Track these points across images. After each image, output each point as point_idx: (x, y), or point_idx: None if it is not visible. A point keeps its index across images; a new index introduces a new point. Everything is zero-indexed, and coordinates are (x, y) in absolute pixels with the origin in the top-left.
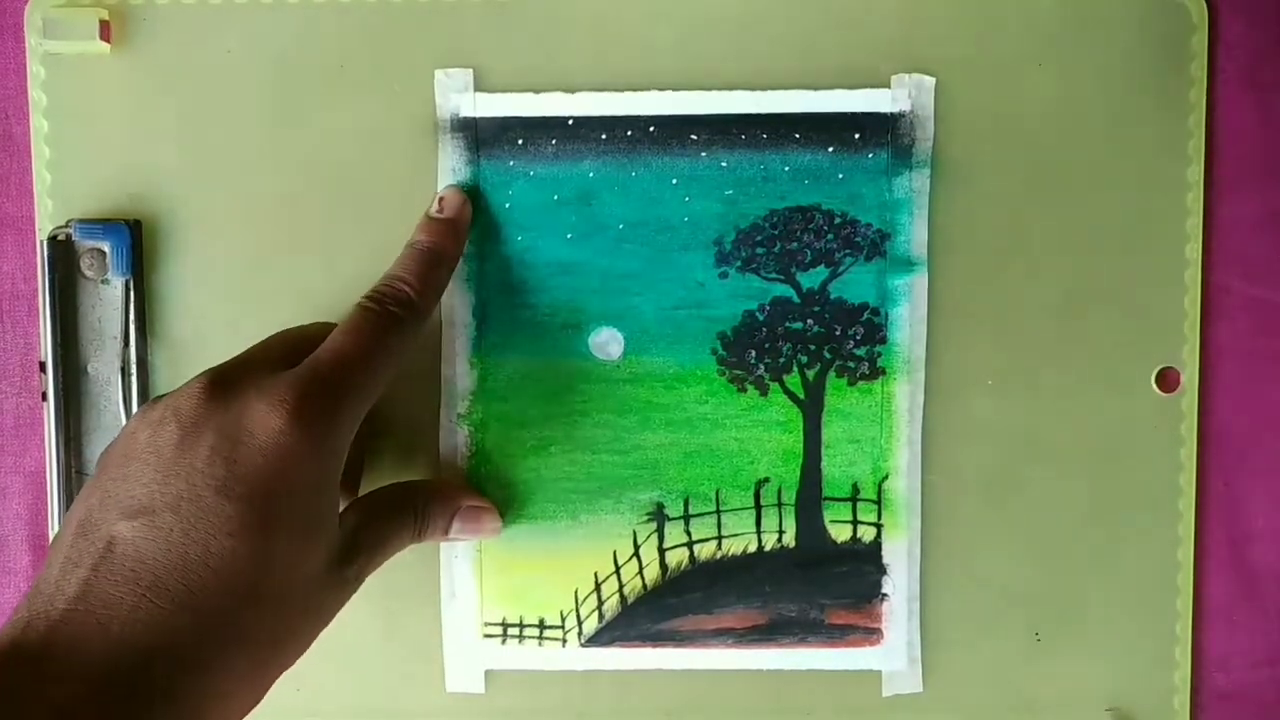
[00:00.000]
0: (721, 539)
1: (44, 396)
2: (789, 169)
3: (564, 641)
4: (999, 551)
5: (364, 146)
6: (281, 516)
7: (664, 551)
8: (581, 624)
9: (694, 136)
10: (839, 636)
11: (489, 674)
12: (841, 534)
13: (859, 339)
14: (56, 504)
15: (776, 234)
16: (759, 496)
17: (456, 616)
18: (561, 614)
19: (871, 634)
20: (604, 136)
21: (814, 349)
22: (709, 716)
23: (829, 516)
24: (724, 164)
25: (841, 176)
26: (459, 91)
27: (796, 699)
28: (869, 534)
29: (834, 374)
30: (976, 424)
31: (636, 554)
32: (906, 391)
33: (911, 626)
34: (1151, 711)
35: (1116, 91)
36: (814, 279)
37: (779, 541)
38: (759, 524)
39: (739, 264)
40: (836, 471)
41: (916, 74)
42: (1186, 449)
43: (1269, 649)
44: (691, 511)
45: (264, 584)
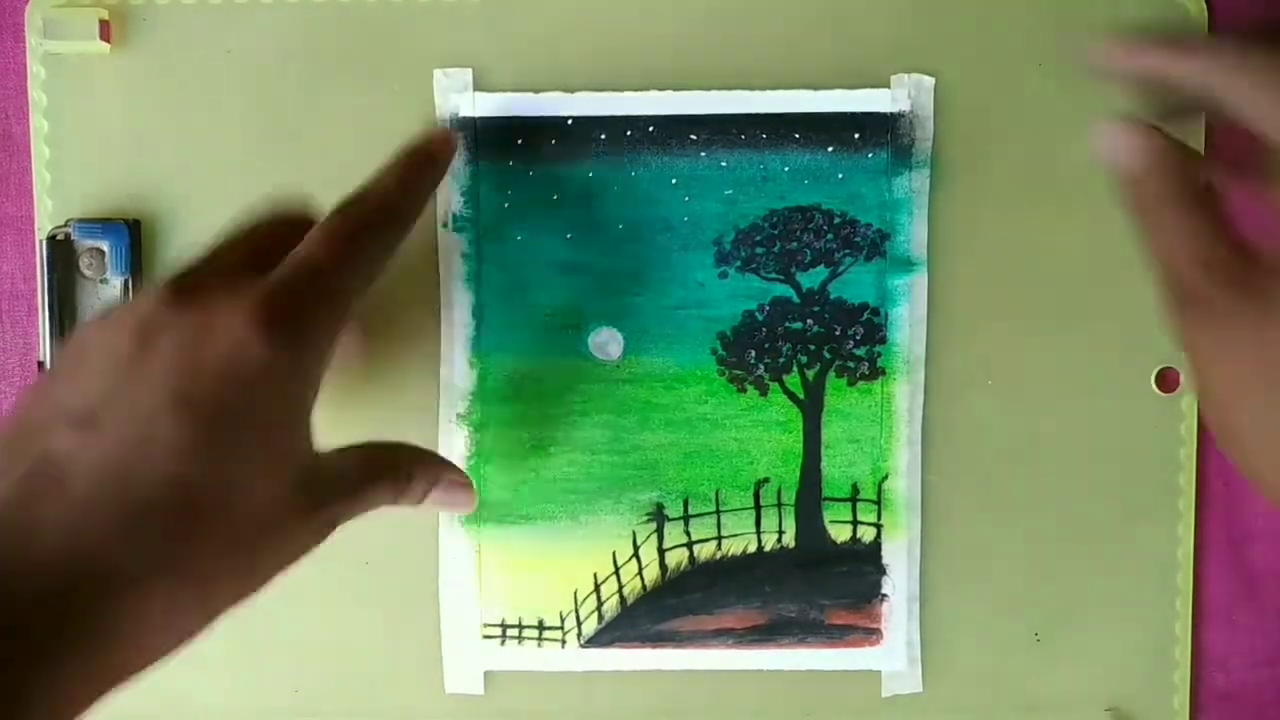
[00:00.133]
0: (721, 539)
1: None
2: (789, 169)
3: (563, 642)
4: (999, 551)
5: (364, 146)
6: (241, 441)
7: (663, 552)
8: (581, 625)
9: (694, 136)
10: (839, 637)
11: (488, 675)
12: (841, 534)
13: (859, 339)
14: None
15: (776, 234)
16: (759, 497)
17: (455, 617)
18: (561, 615)
19: (871, 634)
20: (604, 136)
21: (814, 349)
22: (709, 717)
23: (829, 517)
24: (724, 164)
25: (841, 176)
26: (458, 91)
27: (796, 699)
28: (869, 534)
29: (834, 374)
30: (976, 424)
31: (636, 554)
32: (906, 391)
33: (911, 626)
34: (1151, 711)
35: (1116, 91)
36: (814, 279)
37: (779, 542)
38: (759, 524)
39: (739, 264)
40: (836, 471)
41: (916, 74)
42: (1186, 449)
43: (1269, 649)
44: (691, 512)
45: (214, 513)
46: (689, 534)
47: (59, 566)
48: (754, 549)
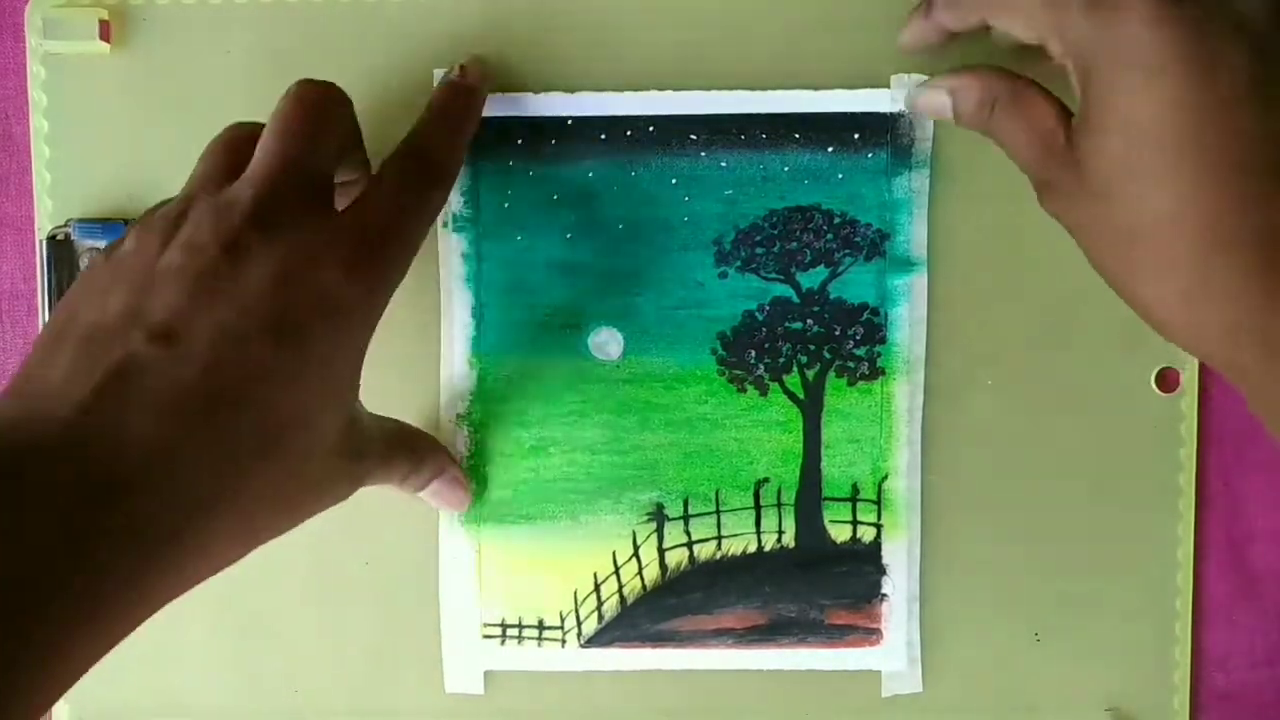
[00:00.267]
0: (721, 539)
1: None
2: (788, 169)
3: (563, 642)
4: (999, 552)
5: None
6: (319, 376)
7: (663, 552)
8: (581, 624)
9: (694, 136)
10: (839, 636)
11: (488, 675)
12: (841, 534)
13: (859, 339)
14: None
15: (776, 234)
16: (758, 496)
17: (455, 617)
18: (561, 614)
19: (871, 634)
20: (604, 136)
21: (814, 349)
22: (709, 716)
23: (829, 516)
24: (724, 164)
25: (841, 176)
26: None
27: (796, 699)
28: (869, 534)
29: (834, 374)
30: (976, 424)
31: (636, 554)
32: (906, 391)
33: (911, 626)
34: (1151, 711)
35: None
36: (813, 279)
37: (779, 542)
38: (759, 524)
39: (738, 264)
40: (836, 471)
41: (916, 74)
42: (1186, 449)
43: (1269, 649)
44: (691, 512)
45: (283, 443)
46: (689, 534)
47: (141, 477)
48: (754, 549)
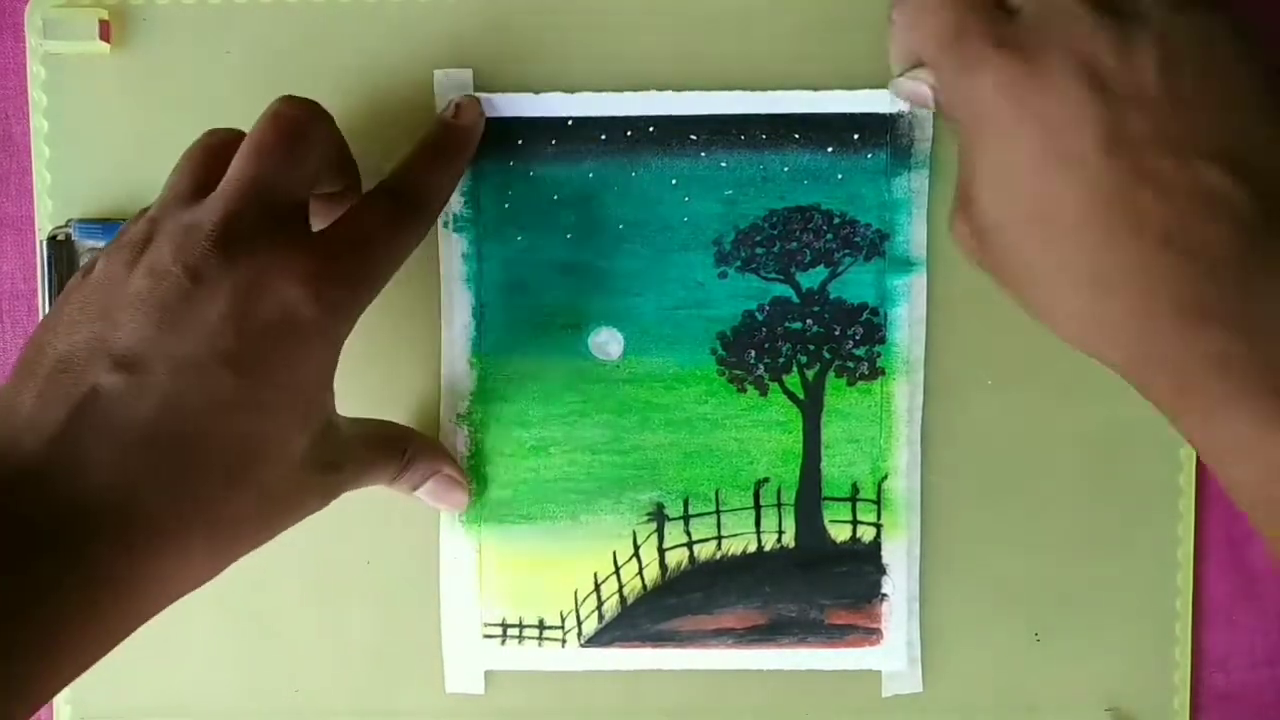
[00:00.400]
0: (721, 539)
1: None
2: (788, 169)
3: (564, 642)
4: (999, 551)
5: (364, 146)
6: (282, 401)
7: (664, 552)
8: (581, 624)
9: (694, 136)
10: (839, 636)
11: (489, 674)
12: (841, 534)
13: (858, 339)
14: None
15: (776, 234)
16: (759, 496)
17: (456, 617)
18: (561, 614)
19: (871, 634)
20: (604, 136)
21: (813, 349)
22: (709, 716)
23: (828, 516)
24: (723, 164)
25: (840, 177)
26: (458, 91)
27: (796, 699)
28: (869, 534)
29: (833, 374)
30: (976, 424)
31: (636, 554)
32: (906, 391)
33: (911, 626)
34: (1151, 711)
35: None
36: (813, 279)
37: (779, 541)
38: (759, 524)
39: (738, 264)
40: (836, 471)
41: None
42: (1186, 449)
43: (1269, 649)
44: (691, 512)
45: (250, 468)
46: (689, 534)
47: (105, 507)
48: (754, 549)
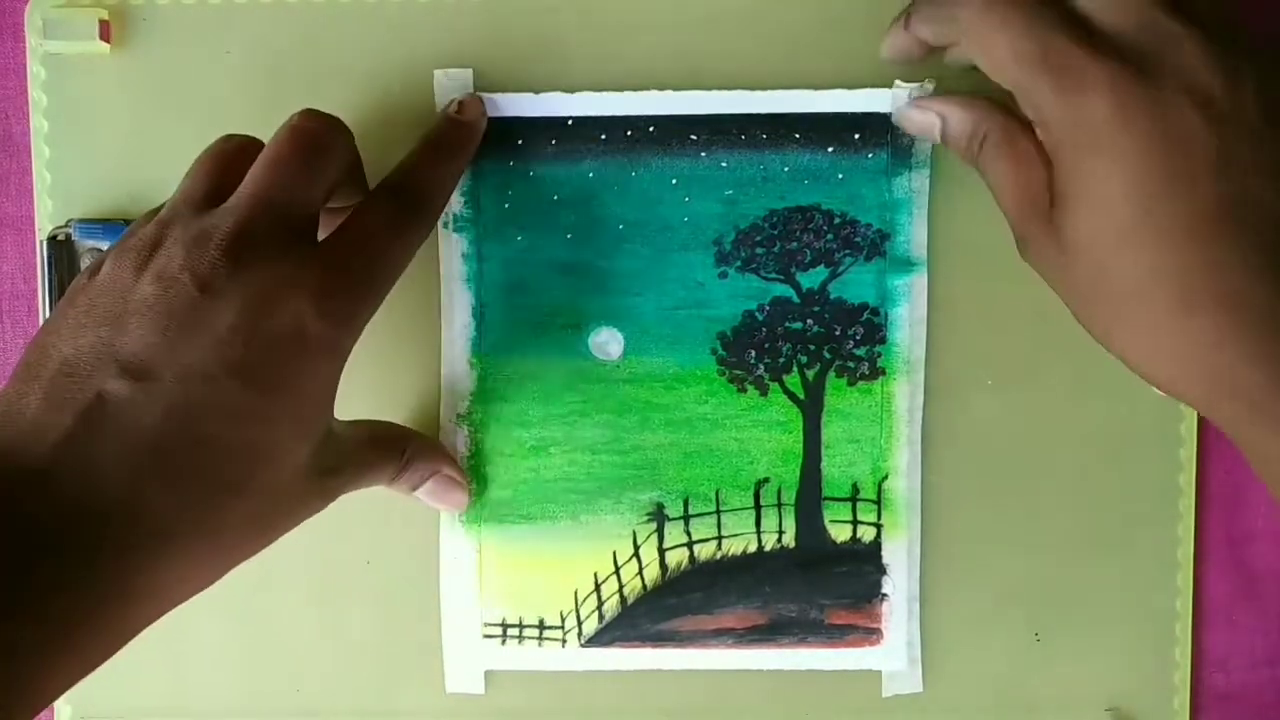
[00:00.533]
0: (721, 539)
1: None
2: (788, 169)
3: (564, 642)
4: (999, 551)
5: (364, 147)
6: (287, 412)
7: (664, 552)
8: (581, 624)
9: (694, 136)
10: (839, 636)
11: (489, 674)
12: (841, 534)
13: (859, 339)
14: None
15: (776, 234)
16: (759, 496)
17: (456, 617)
18: (561, 614)
19: (871, 634)
20: (604, 136)
21: (814, 349)
22: (709, 716)
23: (829, 516)
24: (724, 164)
25: (841, 176)
26: (459, 91)
27: (796, 699)
28: (869, 534)
29: (834, 374)
30: (976, 424)
31: (636, 554)
32: (906, 391)
33: (911, 626)
34: (1151, 711)
35: None
36: (814, 279)
37: (779, 541)
38: (759, 524)
39: (739, 264)
40: (836, 471)
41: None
42: (1186, 449)
43: (1269, 649)
44: (691, 512)
45: (253, 477)
46: (689, 534)
47: (112, 512)
48: (754, 549)
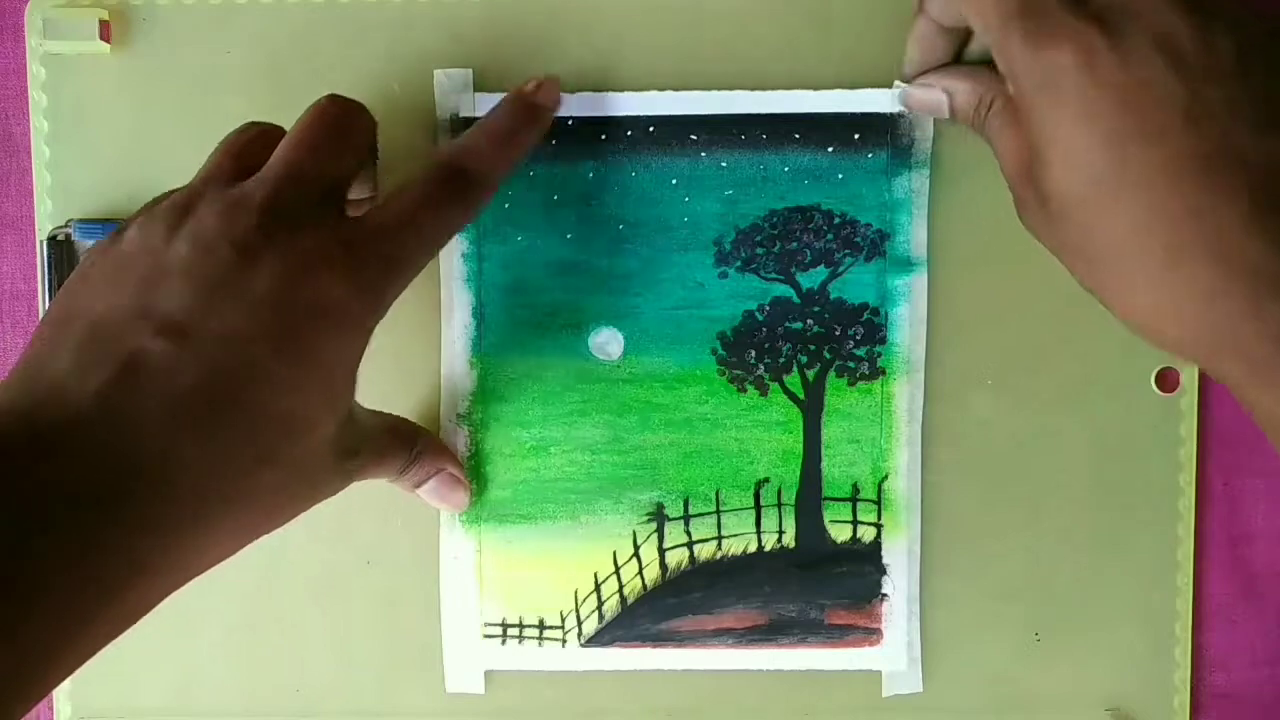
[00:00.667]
0: (721, 539)
1: None
2: (788, 169)
3: (564, 642)
4: (999, 551)
5: None
6: (316, 382)
7: (664, 552)
8: (581, 624)
9: (694, 136)
10: (839, 637)
11: (489, 674)
12: (841, 534)
13: (859, 339)
14: None
15: (776, 234)
16: (759, 497)
17: (456, 617)
18: (561, 614)
19: (871, 634)
20: (604, 136)
21: (814, 349)
22: (709, 716)
23: (829, 516)
24: (723, 164)
25: (841, 176)
26: (459, 91)
27: (796, 699)
28: (869, 534)
29: (834, 374)
30: (976, 424)
31: (636, 554)
32: (906, 392)
33: (911, 626)
34: (1151, 711)
35: None
36: (814, 279)
37: (779, 542)
38: (759, 524)
39: (739, 264)
40: (836, 471)
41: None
42: (1186, 449)
43: (1269, 649)
44: (691, 512)
45: (281, 446)
46: (689, 534)
47: (152, 471)
48: (754, 549)
